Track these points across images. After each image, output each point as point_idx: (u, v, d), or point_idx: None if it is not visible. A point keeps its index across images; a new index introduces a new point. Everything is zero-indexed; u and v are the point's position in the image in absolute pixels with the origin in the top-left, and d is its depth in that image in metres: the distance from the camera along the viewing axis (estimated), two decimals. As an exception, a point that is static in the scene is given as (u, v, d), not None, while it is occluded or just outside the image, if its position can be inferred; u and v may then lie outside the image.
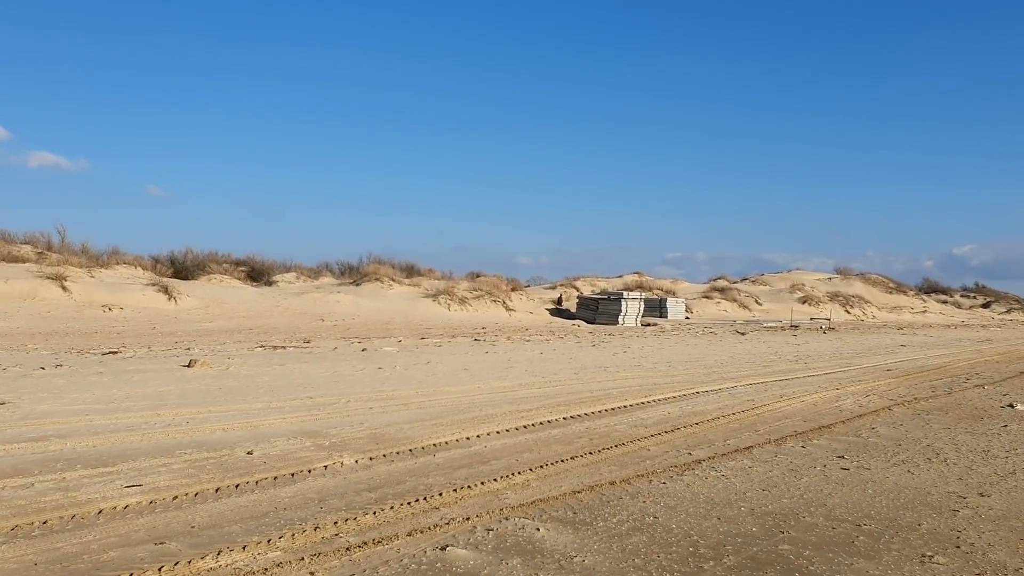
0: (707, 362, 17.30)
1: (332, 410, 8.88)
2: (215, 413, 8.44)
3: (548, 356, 17.27)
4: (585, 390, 11.65)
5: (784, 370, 16.11)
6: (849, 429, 9.01)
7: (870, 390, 12.88)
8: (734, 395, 11.72)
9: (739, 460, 7.07)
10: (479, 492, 5.54)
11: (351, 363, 14.13)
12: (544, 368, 14.58)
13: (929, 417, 10.10)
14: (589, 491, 5.72)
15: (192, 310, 29.66)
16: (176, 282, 33.35)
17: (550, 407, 9.82)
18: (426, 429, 7.96)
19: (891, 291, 68.70)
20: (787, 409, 10.43)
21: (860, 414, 10.17)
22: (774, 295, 59.37)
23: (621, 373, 14.23)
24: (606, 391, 11.58)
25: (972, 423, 9.73)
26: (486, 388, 11.41)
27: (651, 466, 6.68)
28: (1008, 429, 9.30)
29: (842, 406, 10.89)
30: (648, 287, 53.57)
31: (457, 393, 10.73)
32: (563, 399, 10.61)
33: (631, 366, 15.73)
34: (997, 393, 12.96)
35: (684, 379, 13.62)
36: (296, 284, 40.52)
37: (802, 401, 11.23)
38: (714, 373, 14.81)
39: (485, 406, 9.68)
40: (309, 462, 6.30)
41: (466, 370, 13.67)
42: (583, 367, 15.06)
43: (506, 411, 9.33)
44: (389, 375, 12.50)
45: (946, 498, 5.92)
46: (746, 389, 12.51)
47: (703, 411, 10.01)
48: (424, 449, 7.00)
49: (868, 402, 11.37)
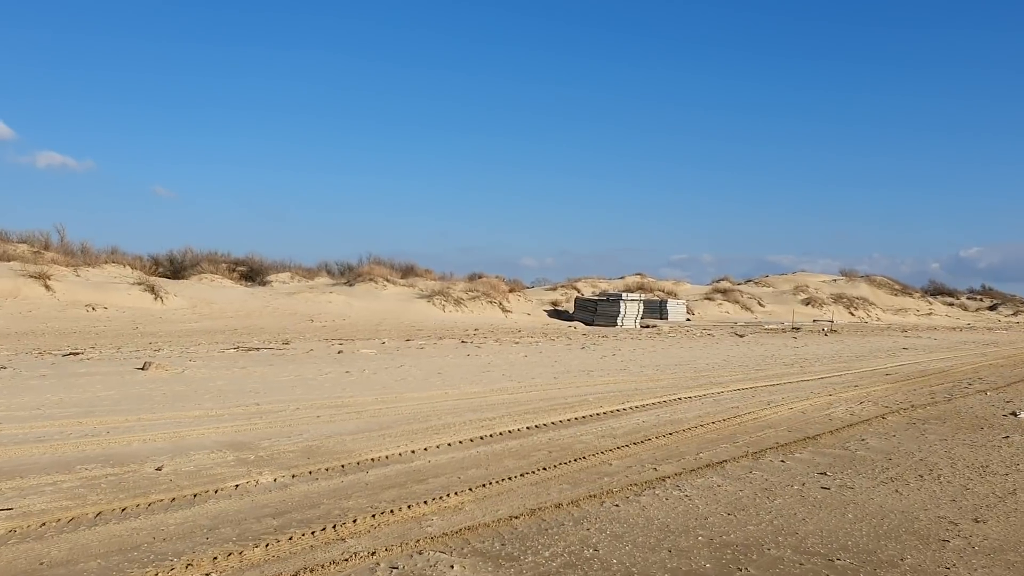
0: (698, 366, 16.59)
1: (274, 419, 8.20)
2: (144, 421, 7.77)
3: (532, 359, 16.58)
4: (561, 396, 10.96)
5: (777, 374, 15.40)
6: (837, 440, 8.30)
7: (865, 396, 12.16)
8: (719, 401, 11.01)
9: (708, 477, 6.37)
10: (400, 518, 4.86)
11: (319, 366, 13.46)
12: (524, 372, 13.89)
13: (925, 427, 9.39)
14: (529, 516, 5.03)
15: (179, 310, 29.04)
16: (164, 281, 32.76)
17: (517, 415, 9.13)
18: (370, 441, 7.28)
19: (896, 293, 67.93)
20: (773, 417, 9.72)
21: (851, 423, 9.46)
22: (777, 297, 58.62)
23: (604, 377, 13.53)
24: (583, 397, 10.89)
25: (971, 433, 9.01)
26: (455, 394, 10.72)
27: (608, 484, 5.99)
28: (1010, 441, 8.58)
29: (833, 414, 10.18)
30: (649, 288, 52.95)
31: (420, 400, 10.05)
32: (534, 406, 9.92)
33: (617, 370, 15.03)
34: (1000, 400, 12.23)
35: (669, 384, 12.92)
36: (290, 284, 39.93)
37: (790, 408, 10.52)
38: (703, 377, 14.10)
39: (446, 414, 8.99)
40: (221, 480, 5.62)
41: (440, 374, 12.99)
42: (566, 371, 14.37)
43: (467, 420, 8.64)
44: (355, 379, 11.83)
45: (936, 525, 5.21)
46: (733, 395, 11.80)
47: (681, 419, 9.31)
48: (359, 465, 6.32)
49: (861, 410, 10.65)
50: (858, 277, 69.79)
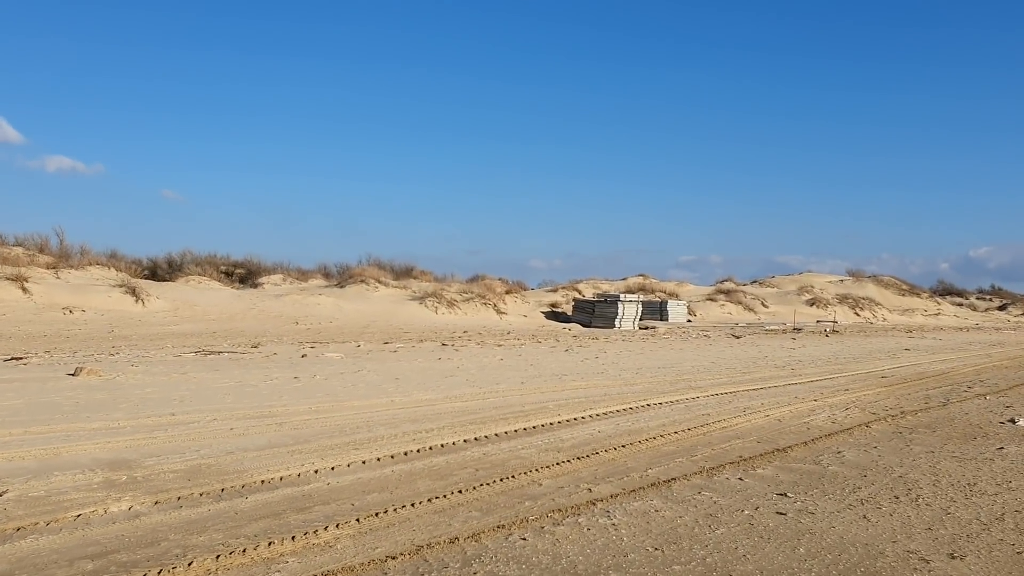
0: (683, 368, 15.71)
1: (181, 432, 7.37)
2: (29, 435, 6.96)
3: (508, 363, 15.73)
4: (519, 403, 10.11)
5: (765, 377, 14.51)
6: (809, 453, 7.42)
7: (854, 401, 11.27)
8: (690, 408, 10.14)
9: (648, 500, 5.50)
10: (249, 560, 4.02)
11: (270, 371, 12.65)
12: (492, 377, 13.04)
13: (912, 436, 8.50)
14: (411, 555, 4.18)
15: (159, 312, 28.31)
16: (148, 283, 32.07)
17: (460, 426, 8.29)
18: (275, 458, 6.44)
19: (904, 293, 66.89)
20: (744, 426, 8.85)
21: (830, 433, 8.58)
22: (781, 297, 57.61)
23: (577, 382, 12.67)
24: (543, 404, 10.04)
25: (962, 444, 8.12)
26: (402, 402, 9.89)
27: (527, 510, 5.13)
28: (1004, 453, 7.68)
29: (812, 422, 9.29)
30: (651, 289, 52.12)
31: (360, 409, 9.22)
32: (485, 415, 9.08)
33: (594, 373, 14.17)
34: (999, 405, 11.32)
35: (644, 389, 12.05)
36: (281, 286, 39.25)
37: (767, 416, 9.65)
38: (683, 382, 13.23)
39: (379, 425, 8.15)
40: (64, 508, 4.79)
41: (397, 380, 12.16)
42: (537, 375, 13.51)
43: (399, 432, 7.80)
44: (300, 386, 11.00)
45: (903, 562, 4.35)
46: (709, 400, 10.93)
47: (641, 429, 8.45)
48: (243, 488, 5.48)
49: (845, 417, 9.76)
50: (865, 277, 68.82)
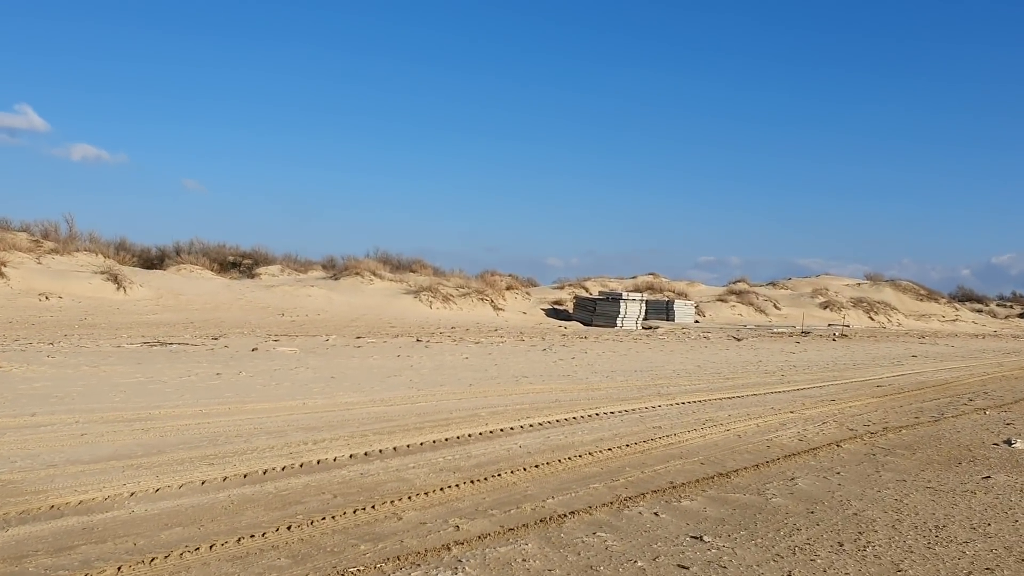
0: (662, 372, 14.58)
1: (22, 435, 6.38)
2: None
3: (472, 362, 14.66)
4: (452, 409, 9.04)
5: (749, 384, 13.35)
6: (756, 479, 6.29)
7: (834, 415, 10.10)
8: (644, 419, 9.02)
9: (522, 543, 4.40)
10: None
11: (196, 367, 11.65)
12: (441, 378, 11.98)
13: (886, 460, 7.33)
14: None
15: (141, 301, 27.47)
16: (133, 271, 31.24)
17: (360, 436, 7.22)
18: (97, 475, 5.40)
19: (922, 298, 65.27)
20: (695, 443, 7.72)
21: (792, 453, 7.43)
22: (795, 300, 56.21)
23: (534, 385, 11.58)
24: (476, 411, 8.97)
25: (943, 471, 6.95)
26: (317, 405, 8.84)
27: (353, 558, 4.06)
28: (989, 483, 6.50)
29: (776, 439, 8.15)
30: (659, 288, 50.93)
31: (260, 413, 8.18)
32: (401, 423, 8.01)
33: (559, 376, 13.06)
34: (998, 421, 10.11)
35: (605, 395, 10.94)
36: (279, 277, 38.48)
37: (727, 430, 8.50)
38: (653, 387, 12.10)
39: (264, 435, 7.11)
40: None
41: (332, 378, 11.12)
42: (494, 377, 12.43)
43: (282, 443, 6.75)
44: (215, 384, 9.99)
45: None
46: (670, 410, 9.80)
47: (572, 444, 7.34)
48: (22, 515, 4.46)
49: (817, 433, 8.60)
50: (882, 281, 67.29)
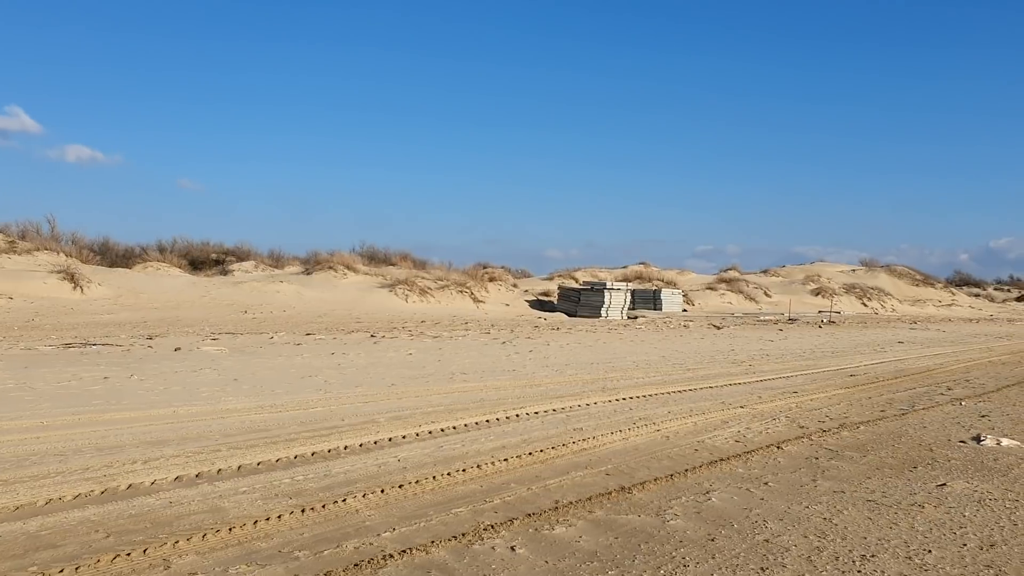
0: (619, 364, 13.56)
1: None
2: None
3: (414, 359, 13.64)
4: (354, 414, 8.03)
5: (710, 375, 12.34)
6: (663, 494, 5.25)
7: (789, 409, 9.08)
8: (569, 419, 7.99)
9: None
10: None
11: (88, 370, 10.65)
12: (364, 377, 10.97)
13: (829, 464, 6.30)
14: None
15: (98, 300, 26.44)
16: (94, 270, 30.18)
17: (219, 450, 6.20)
18: None
19: (918, 283, 64.52)
20: (613, 448, 6.68)
21: (721, 458, 6.40)
22: (786, 287, 55.29)
23: (469, 383, 10.57)
24: (376, 416, 7.93)
25: (893, 477, 5.91)
26: (193, 413, 7.84)
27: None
28: (944, 493, 5.46)
29: (710, 441, 7.11)
30: (649, 278, 50.03)
31: (116, 423, 7.17)
32: (281, 432, 6.99)
33: (503, 371, 12.04)
34: (973, 413, 9.09)
35: (542, 392, 9.94)
36: (251, 273, 37.47)
37: (657, 431, 7.47)
38: (600, 382, 11.08)
39: (89, 452, 6.09)
40: None
41: (236, 381, 10.10)
42: (430, 375, 11.41)
43: (104, 464, 5.74)
44: (94, 390, 8.99)
45: None
46: (606, 407, 8.77)
47: (467, 454, 6.33)
48: None
49: (761, 432, 7.57)
50: (878, 267, 66.53)
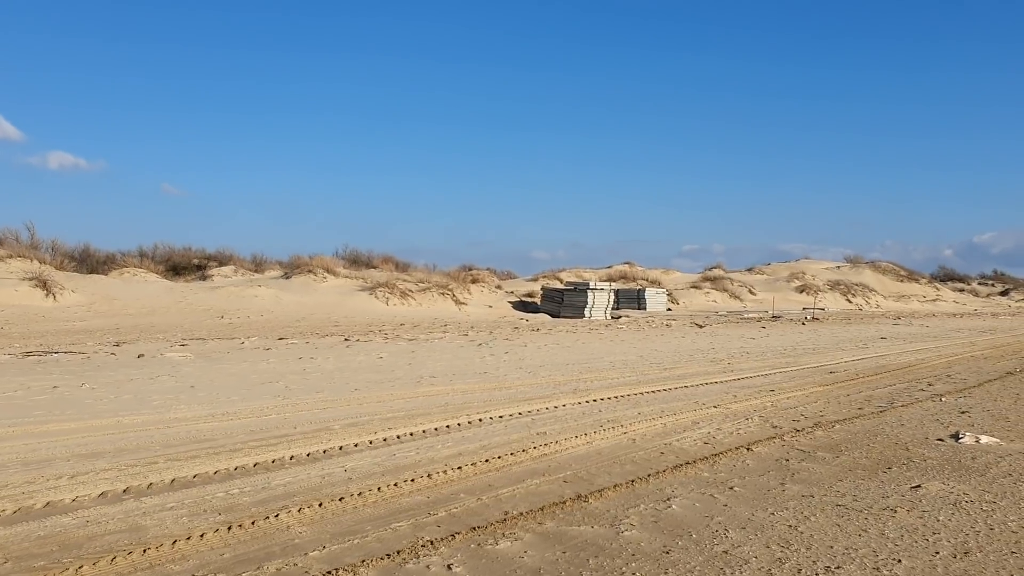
0: (597, 365, 13.26)
1: None
2: None
3: (384, 362, 13.29)
4: (310, 420, 7.69)
5: (687, 374, 12.05)
6: (622, 502, 4.93)
7: (764, 408, 8.79)
8: (535, 423, 7.68)
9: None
10: None
11: (35, 380, 10.25)
12: (329, 383, 10.63)
13: (800, 467, 6.00)
14: None
15: (71, 307, 25.96)
16: (68, 276, 29.64)
17: (155, 462, 5.86)
18: None
19: (902, 279, 64.71)
20: (575, 453, 6.36)
21: (685, 462, 6.09)
22: (771, 284, 55.22)
23: (437, 387, 10.25)
24: (331, 423, 7.59)
25: (866, 479, 5.62)
26: (143, 422, 7.50)
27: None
28: (918, 495, 5.17)
29: (676, 444, 6.80)
30: (634, 277, 49.88)
31: (51, 435, 6.82)
32: (227, 442, 6.63)
33: (474, 374, 11.72)
34: (953, 410, 8.83)
35: (510, 395, 9.63)
36: (230, 278, 37.04)
37: (624, 433, 7.16)
38: (572, 383, 10.78)
39: (19, 467, 5.71)
40: None
41: (192, 388, 9.74)
42: (398, 379, 11.08)
43: (35, 477, 5.41)
44: (39, 400, 8.62)
45: None
46: (574, 410, 8.46)
47: (420, 462, 5.99)
48: None
49: (731, 433, 7.27)
50: (862, 263, 66.66)
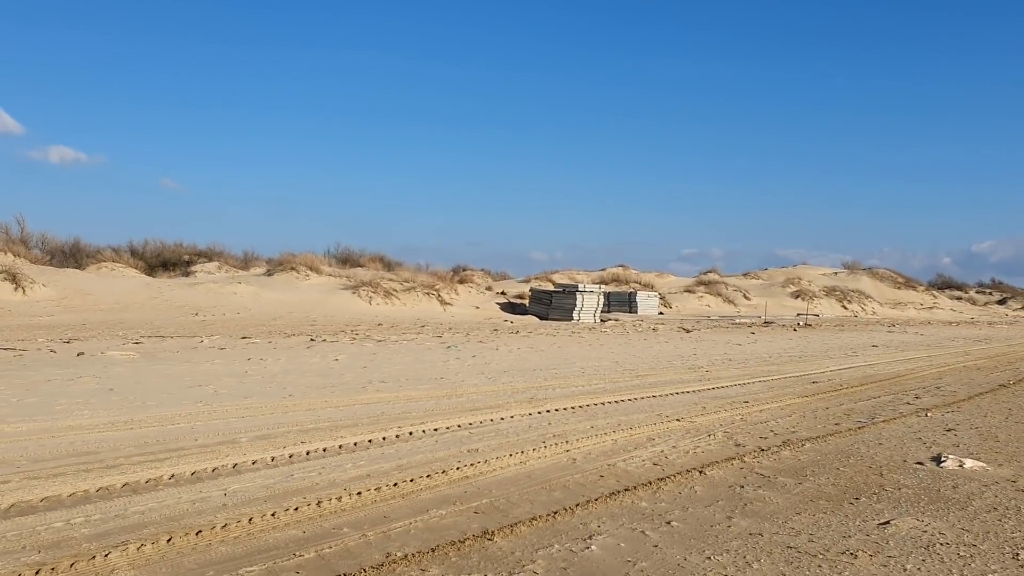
0: (566, 371, 12.49)
1: None
2: None
3: (340, 364, 12.53)
4: (219, 431, 6.93)
5: (659, 383, 11.29)
6: (533, 540, 4.16)
7: (730, 423, 8.01)
8: (471, 437, 6.91)
9: None
10: None
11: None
12: (265, 387, 9.87)
13: (756, 494, 5.21)
14: None
15: (40, 302, 25.17)
16: (41, 270, 28.86)
17: (8, 482, 5.03)
18: None
19: (899, 286, 63.99)
20: (503, 475, 5.59)
21: (626, 487, 5.31)
22: (766, 289, 54.48)
23: (383, 393, 9.50)
24: (239, 435, 6.81)
25: (828, 512, 4.83)
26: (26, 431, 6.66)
27: None
28: (885, 535, 4.39)
29: (622, 464, 6.03)
30: (627, 280, 49.14)
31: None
32: (109, 456, 5.85)
33: (430, 379, 10.95)
34: (937, 428, 8.05)
35: (458, 404, 8.87)
36: (213, 275, 36.34)
37: (567, 451, 6.39)
38: (530, 391, 10.02)
39: None
40: None
41: (111, 391, 8.99)
42: (344, 383, 10.31)
43: None
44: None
45: None
46: (522, 422, 7.69)
47: (316, 485, 5.24)
48: None
49: (686, 452, 6.49)
50: (860, 270, 66.01)
